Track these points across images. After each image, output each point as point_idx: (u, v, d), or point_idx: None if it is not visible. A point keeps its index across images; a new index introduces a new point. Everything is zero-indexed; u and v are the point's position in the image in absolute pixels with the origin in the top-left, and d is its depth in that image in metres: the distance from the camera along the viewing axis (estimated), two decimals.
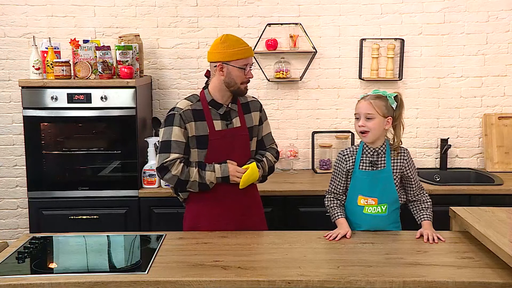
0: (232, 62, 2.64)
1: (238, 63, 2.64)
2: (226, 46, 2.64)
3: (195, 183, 2.64)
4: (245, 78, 2.69)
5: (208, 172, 2.64)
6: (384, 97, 2.65)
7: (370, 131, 2.62)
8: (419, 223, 2.70)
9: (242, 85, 2.69)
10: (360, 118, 2.65)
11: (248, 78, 2.70)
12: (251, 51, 2.72)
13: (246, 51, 2.67)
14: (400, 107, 2.67)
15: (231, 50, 2.63)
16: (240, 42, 2.69)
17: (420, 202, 2.75)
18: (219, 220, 2.73)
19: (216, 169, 2.65)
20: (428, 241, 2.53)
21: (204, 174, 2.63)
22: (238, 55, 2.64)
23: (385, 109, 2.62)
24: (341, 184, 2.74)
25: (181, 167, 2.62)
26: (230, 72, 2.65)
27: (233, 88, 2.68)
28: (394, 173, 2.68)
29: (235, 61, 2.64)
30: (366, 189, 2.67)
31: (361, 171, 2.69)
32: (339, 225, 2.66)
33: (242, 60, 2.65)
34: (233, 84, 2.67)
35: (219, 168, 2.65)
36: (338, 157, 2.78)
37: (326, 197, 2.80)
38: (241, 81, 2.68)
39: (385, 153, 2.68)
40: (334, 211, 2.73)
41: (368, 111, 2.62)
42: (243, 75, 2.67)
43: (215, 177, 2.64)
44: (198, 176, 2.63)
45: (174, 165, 2.62)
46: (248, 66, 2.69)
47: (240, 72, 2.66)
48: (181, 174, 2.62)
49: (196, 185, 2.65)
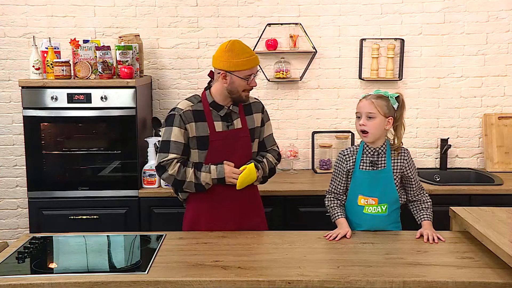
0: (236, 72, 2.61)
1: (242, 74, 2.61)
2: (231, 56, 2.60)
3: (191, 183, 2.64)
4: (248, 87, 2.67)
5: (204, 173, 2.64)
6: (385, 97, 2.65)
7: (371, 130, 2.62)
8: (419, 223, 2.70)
9: (244, 92, 2.68)
10: (361, 117, 2.65)
11: (252, 86, 2.68)
12: (257, 60, 2.67)
13: (251, 61, 2.62)
14: (401, 108, 2.68)
15: (235, 60, 2.59)
16: (246, 51, 2.63)
17: (420, 202, 2.75)
18: (219, 221, 2.73)
19: (211, 170, 2.64)
20: (428, 241, 2.53)
21: (200, 175, 2.63)
22: (243, 65, 2.60)
23: (386, 109, 2.62)
24: (341, 184, 2.75)
25: (178, 167, 2.63)
26: (233, 82, 2.63)
27: (234, 95, 2.67)
28: (395, 173, 2.68)
29: (240, 71, 2.61)
30: (366, 189, 2.67)
31: (362, 171, 2.69)
32: (339, 225, 2.66)
33: (246, 71, 2.62)
34: (235, 92, 2.66)
35: (214, 169, 2.64)
36: (338, 157, 2.78)
37: (326, 197, 2.80)
38: (243, 89, 2.66)
39: (385, 153, 2.68)
40: (334, 211, 2.73)
41: (369, 111, 2.61)
42: (246, 84, 2.65)
43: (210, 178, 2.64)
44: (194, 177, 2.63)
45: (171, 165, 2.63)
46: (252, 76, 2.66)
47: (243, 81, 2.63)
48: (177, 174, 2.63)
49: (192, 185, 2.65)
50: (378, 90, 2.71)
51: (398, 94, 2.69)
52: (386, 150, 2.69)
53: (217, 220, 2.73)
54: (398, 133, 2.70)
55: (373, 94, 2.67)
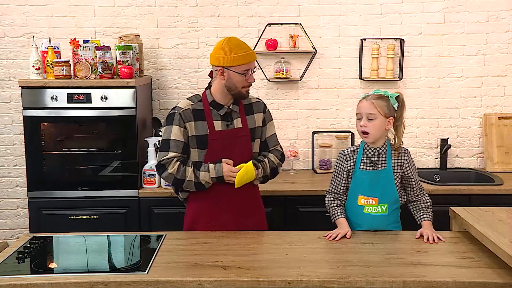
0: (233, 68, 2.62)
1: (239, 69, 2.62)
2: (227, 51, 2.61)
3: (191, 182, 2.65)
4: (246, 83, 2.67)
5: (203, 172, 2.64)
6: (385, 97, 2.64)
7: (372, 131, 2.62)
8: (419, 223, 2.70)
9: (244, 89, 2.68)
10: (361, 118, 2.65)
11: (250, 82, 2.69)
12: (253, 56, 2.68)
13: (247, 56, 2.63)
14: (401, 107, 2.68)
15: (232, 55, 2.61)
16: (242, 47, 2.65)
17: (420, 202, 2.75)
18: (219, 220, 2.73)
19: (210, 169, 2.64)
20: (428, 241, 2.53)
21: (199, 174, 2.63)
22: (239, 60, 2.61)
23: (386, 109, 2.62)
24: (341, 184, 2.75)
25: (177, 166, 2.63)
26: (230, 77, 2.64)
27: (234, 92, 2.68)
28: (395, 173, 2.68)
29: (236, 66, 2.62)
30: (366, 189, 2.67)
31: (362, 170, 2.69)
32: (339, 225, 2.66)
33: (243, 66, 2.63)
34: (234, 88, 2.67)
35: (213, 168, 2.64)
36: (338, 157, 2.78)
37: (327, 197, 2.80)
38: (242, 85, 2.67)
39: (385, 153, 2.69)
40: (334, 211, 2.73)
41: (370, 111, 2.61)
42: (244, 80, 2.66)
43: (209, 177, 2.64)
44: (193, 176, 2.64)
45: (171, 163, 2.64)
46: (249, 71, 2.66)
47: (241, 77, 2.64)
48: (177, 173, 2.63)
49: (192, 184, 2.65)
50: (378, 90, 2.70)
51: (398, 93, 2.69)
52: (386, 150, 2.69)
53: (217, 219, 2.73)
54: (398, 133, 2.70)
55: (373, 94, 2.67)
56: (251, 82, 2.70)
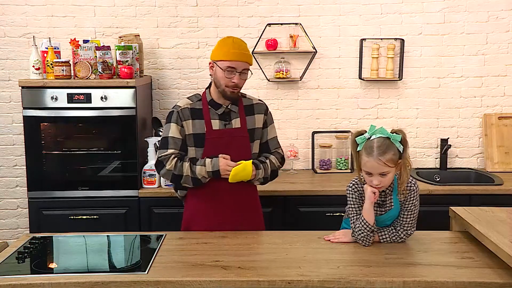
0: (218, 62, 2.65)
1: (222, 64, 2.63)
2: (218, 46, 2.67)
3: (188, 177, 2.65)
4: (230, 82, 2.63)
5: (199, 166, 2.64)
6: (391, 144, 2.42)
7: (386, 184, 2.46)
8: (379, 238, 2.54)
9: (227, 88, 2.64)
10: (372, 174, 2.44)
11: (233, 82, 2.63)
12: (240, 56, 2.62)
13: (232, 54, 2.61)
14: (405, 147, 2.46)
15: (219, 50, 2.65)
16: (234, 45, 2.63)
17: (399, 229, 2.53)
18: (214, 217, 2.73)
19: (207, 163, 2.64)
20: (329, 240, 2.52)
21: (195, 169, 2.64)
22: (223, 56, 2.62)
23: (395, 158, 2.42)
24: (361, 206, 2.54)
25: (175, 162, 2.65)
26: (216, 72, 2.67)
27: (219, 89, 2.68)
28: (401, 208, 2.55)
29: (220, 61, 2.64)
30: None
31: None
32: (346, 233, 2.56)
33: (225, 62, 2.61)
34: (218, 85, 2.67)
35: (209, 162, 2.65)
36: (348, 188, 2.57)
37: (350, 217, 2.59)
38: (225, 83, 2.64)
39: (392, 191, 2.54)
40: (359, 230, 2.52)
41: (382, 171, 2.41)
42: (226, 78, 2.62)
43: (205, 171, 2.64)
44: (190, 171, 2.64)
45: (169, 160, 2.65)
46: (234, 71, 2.62)
47: (223, 74, 2.62)
48: (174, 169, 2.64)
49: (190, 180, 2.66)
50: (376, 131, 2.46)
51: (399, 133, 2.45)
52: (393, 189, 2.53)
53: (212, 216, 2.73)
54: (405, 171, 2.47)
55: (379, 149, 2.40)
56: (237, 84, 2.64)
